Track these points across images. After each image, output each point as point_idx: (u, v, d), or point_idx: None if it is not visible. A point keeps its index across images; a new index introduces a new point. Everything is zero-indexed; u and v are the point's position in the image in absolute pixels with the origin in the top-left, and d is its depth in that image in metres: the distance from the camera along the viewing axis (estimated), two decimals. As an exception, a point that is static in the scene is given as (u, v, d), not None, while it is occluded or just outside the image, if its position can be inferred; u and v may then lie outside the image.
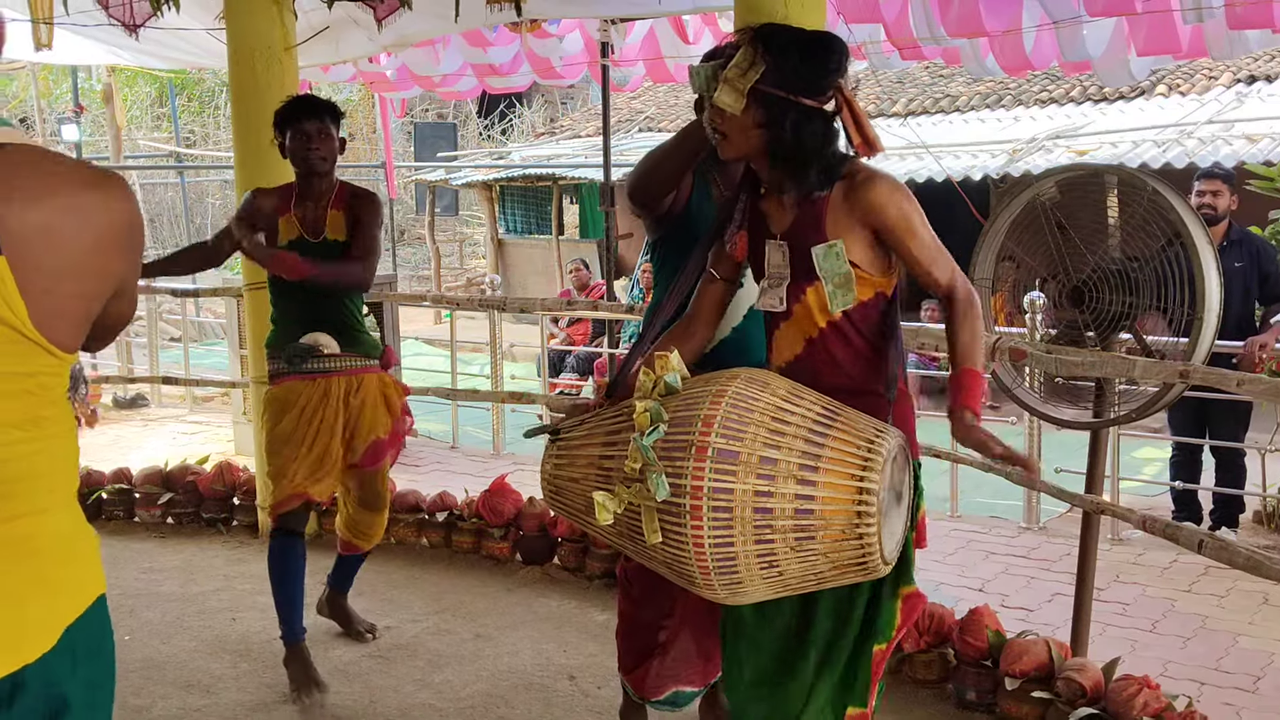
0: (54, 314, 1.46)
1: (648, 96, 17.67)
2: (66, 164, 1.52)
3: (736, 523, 2.12)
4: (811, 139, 2.32)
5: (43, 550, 1.52)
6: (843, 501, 2.12)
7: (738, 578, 2.18)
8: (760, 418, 2.16)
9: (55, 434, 1.54)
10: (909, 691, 3.65)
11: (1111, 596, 4.69)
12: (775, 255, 2.44)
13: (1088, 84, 13.03)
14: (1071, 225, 3.52)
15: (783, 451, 2.14)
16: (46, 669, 1.50)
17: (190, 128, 22.02)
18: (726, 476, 2.12)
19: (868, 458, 2.14)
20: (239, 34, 5.16)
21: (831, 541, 2.14)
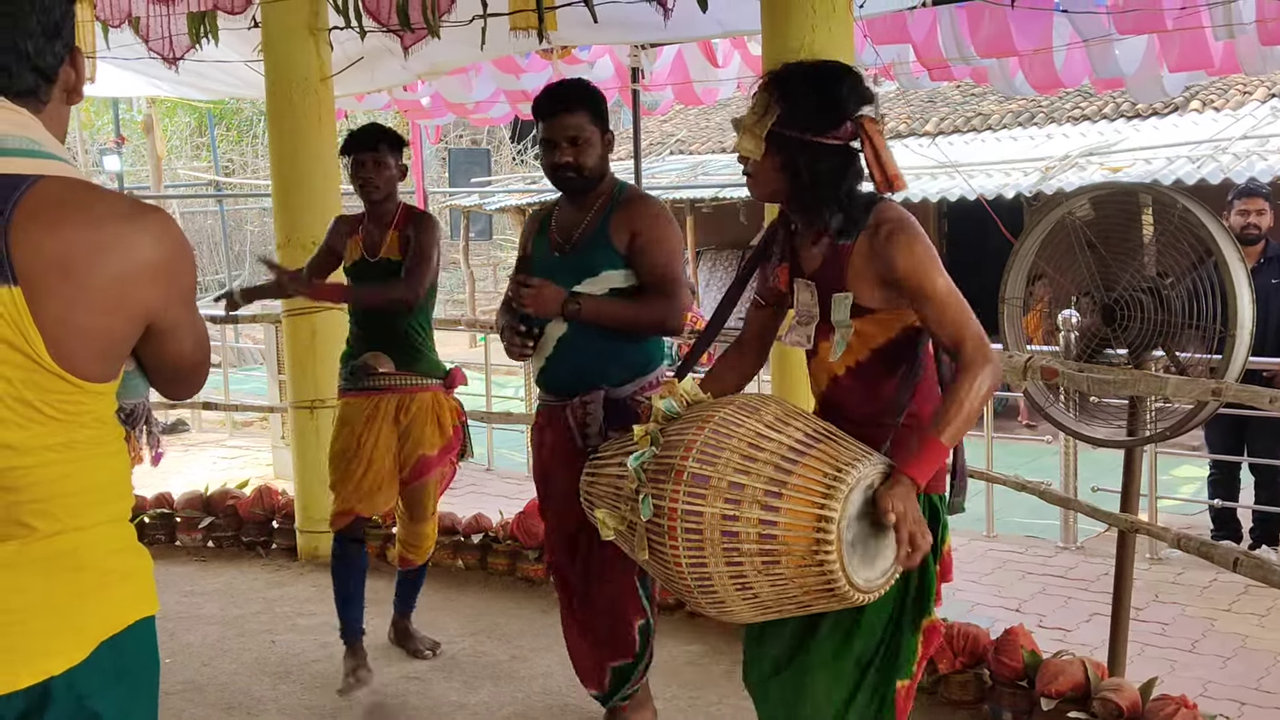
0: (72, 344, 1.46)
1: (679, 120, 17.75)
2: (99, 196, 1.52)
3: (707, 544, 2.19)
4: (827, 175, 2.33)
5: (84, 566, 1.53)
6: (803, 529, 2.15)
7: (718, 597, 2.25)
8: (737, 444, 2.22)
9: (93, 455, 1.55)
10: (944, 713, 3.63)
11: (1150, 616, 4.65)
12: (804, 294, 2.47)
13: (1121, 100, 12.97)
14: (1102, 243, 3.52)
15: (750, 478, 2.19)
16: (75, 682, 1.51)
17: (229, 156, 22.33)
18: (697, 500, 2.20)
19: (831, 487, 2.15)
20: (276, 65, 5.26)
21: (796, 567, 2.17)
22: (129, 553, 1.62)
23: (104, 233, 1.47)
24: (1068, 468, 5.64)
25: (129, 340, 1.54)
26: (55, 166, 1.51)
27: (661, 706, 3.74)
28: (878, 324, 2.37)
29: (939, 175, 12.19)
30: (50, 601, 1.50)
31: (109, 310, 1.47)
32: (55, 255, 1.43)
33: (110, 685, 1.54)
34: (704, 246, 15.47)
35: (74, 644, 1.51)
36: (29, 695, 1.49)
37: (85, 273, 1.44)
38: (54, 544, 1.51)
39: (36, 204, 1.45)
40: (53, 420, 1.49)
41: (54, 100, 1.58)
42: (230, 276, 16.98)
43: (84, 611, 1.53)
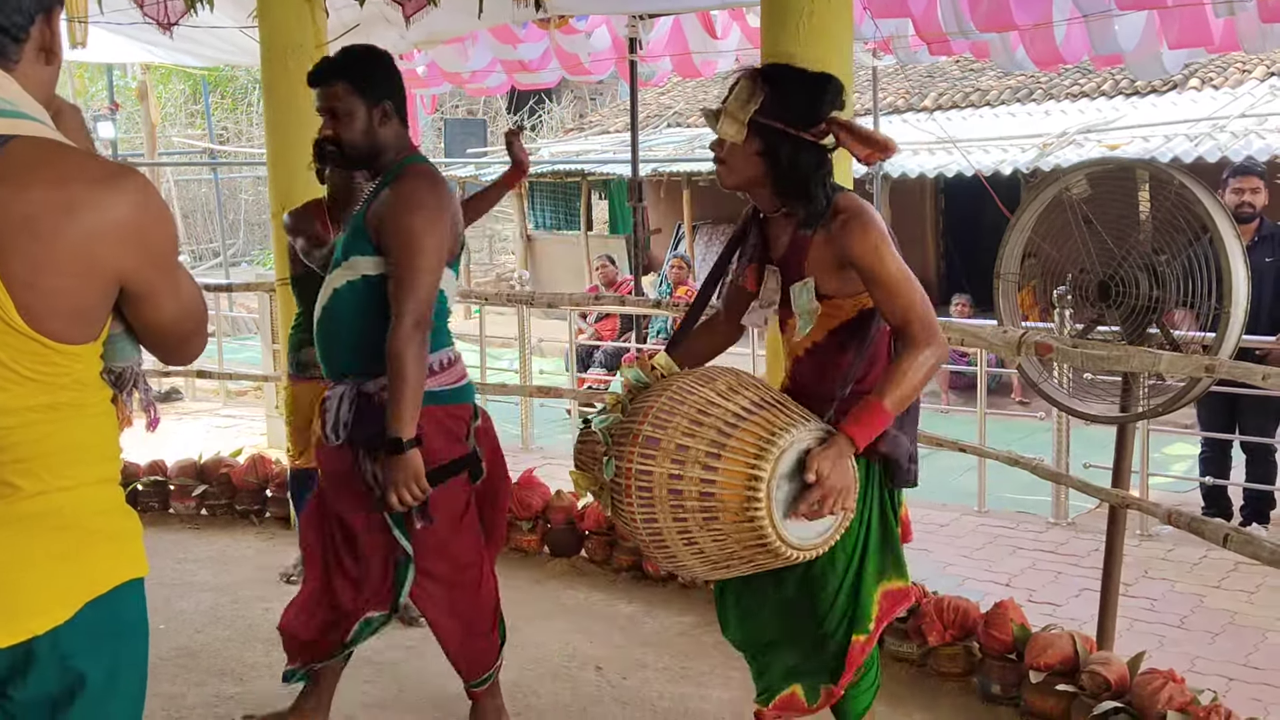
0: (42, 306, 1.45)
1: (676, 92, 17.68)
2: (70, 156, 1.50)
3: (656, 501, 2.40)
4: (806, 166, 2.49)
5: (68, 526, 1.53)
6: (736, 486, 2.33)
7: (670, 551, 2.46)
8: (688, 410, 2.42)
9: (76, 416, 1.54)
10: (934, 685, 3.66)
11: (1140, 592, 4.68)
12: (770, 280, 2.66)
13: (1119, 78, 12.94)
14: (1098, 219, 3.52)
15: (695, 440, 2.38)
16: (59, 642, 1.51)
17: (223, 124, 22.21)
18: (648, 461, 2.41)
19: (764, 448, 2.33)
20: (271, 31, 5.22)
21: (732, 523, 2.36)
22: (116, 514, 1.61)
23: (71, 194, 1.45)
24: (1060, 444, 5.66)
25: (101, 303, 1.53)
26: (29, 126, 1.49)
27: (653, 676, 3.77)
28: (834, 308, 2.55)
29: (936, 151, 12.16)
30: (33, 561, 1.50)
31: (76, 272, 1.46)
32: (22, 216, 1.42)
33: (95, 646, 1.55)
34: (700, 220, 15.45)
35: (57, 604, 1.51)
36: (13, 654, 1.50)
37: (51, 234, 1.43)
38: (38, 503, 1.51)
39: (6, 164, 1.44)
40: (30, 381, 1.48)
41: (26, 60, 1.55)
42: (224, 245, 16.91)
43: (68, 572, 1.53)
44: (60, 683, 1.52)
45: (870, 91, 11.33)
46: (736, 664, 3.84)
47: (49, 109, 1.67)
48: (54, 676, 1.52)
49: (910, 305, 2.44)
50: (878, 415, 2.38)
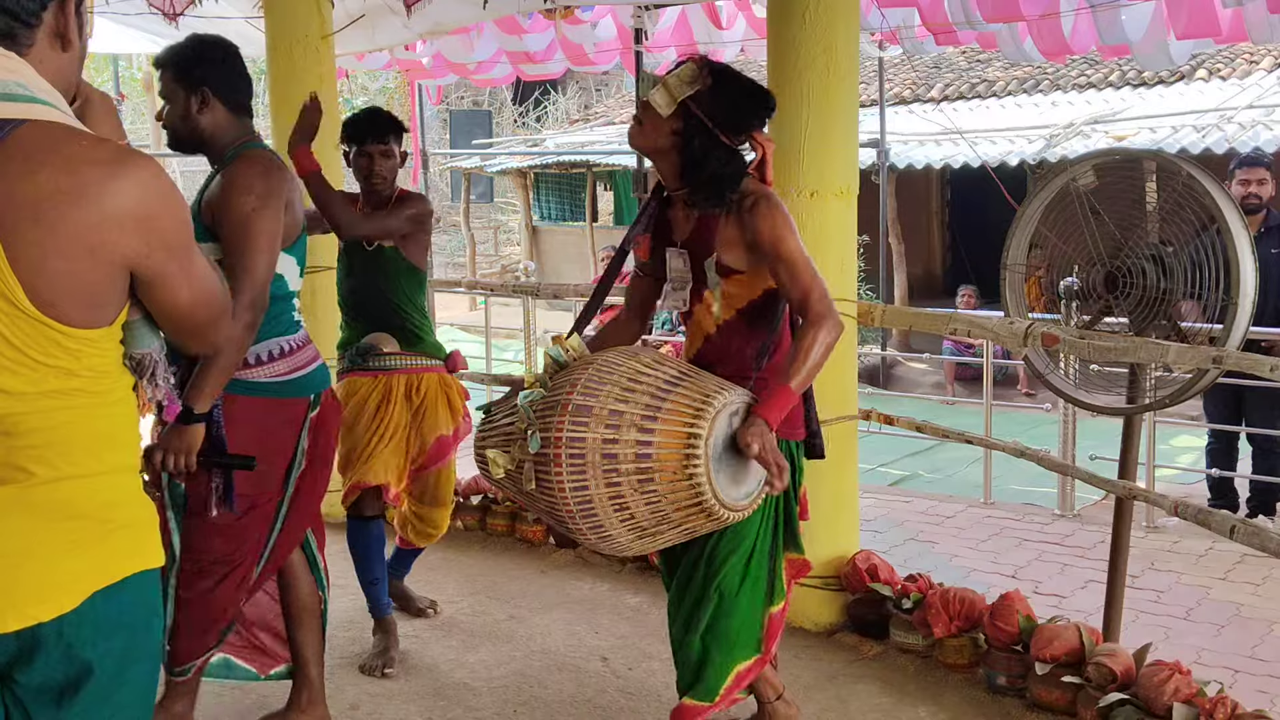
0: (51, 290, 1.45)
1: (682, 83, 17.63)
2: (81, 141, 1.49)
3: (589, 468, 2.44)
4: (714, 164, 2.61)
5: (81, 514, 1.53)
6: (674, 446, 2.42)
7: (598, 520, 2.50)
8: (617, 379, 2.50)
9: (93, 404, 1.54)
10: (940, 676, 3.66)
11: (1146, 584, 4.67)
12: (676, 261, 2.76)
13: (1127, 68, 12.89)
14: (1105, 210, 3.51)
15: (629, 405, 2.46)
16: (65, 631, 1.51)
17: (228, 115, 22.17)
18: (580, 428, 2.45)
19: (700, 409, 2.44)
20: (277, 22, 5.21)
21: (668, 482, 2.44)
22: (130, 504, 1.60)
23: (78, 178, 1.45)
24: (1066, 435, 5.65)
25: (112, 287, 1.52)
26: (41, 111, 1.49)
27: (659, 667, 3.77)
28: (741, 285, 2.68)
29: (943, 142, 12.13)
30: (43, 548, 1.50)
31: (83, 256, 1.46)
32: (30, 200, 1.42)
33: (102, 636, 1.54)
34: (705, 211, 15.41)
35: (65, 592, 1.51)
36: (19, 640, 1.49)
37: (59, 218, 1.43)
38: (51, 490, 1.50)
39: (15, 148, 1.43)
40: (43, 366, 1.48)
41: (40, 46, 1.54)
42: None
43: (77, 560, 1.52)
44: (66, 671, 1.52)
45: (876, 82, 11.32)
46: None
47: (77, 97, 1.67)
48: (60, 664, 1.52)
49: (810, 282, 2.59)
50: (786, 397, 2.53)
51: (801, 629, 4.05)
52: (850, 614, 4.01)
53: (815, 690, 3.60)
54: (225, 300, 1.75)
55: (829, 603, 4.04)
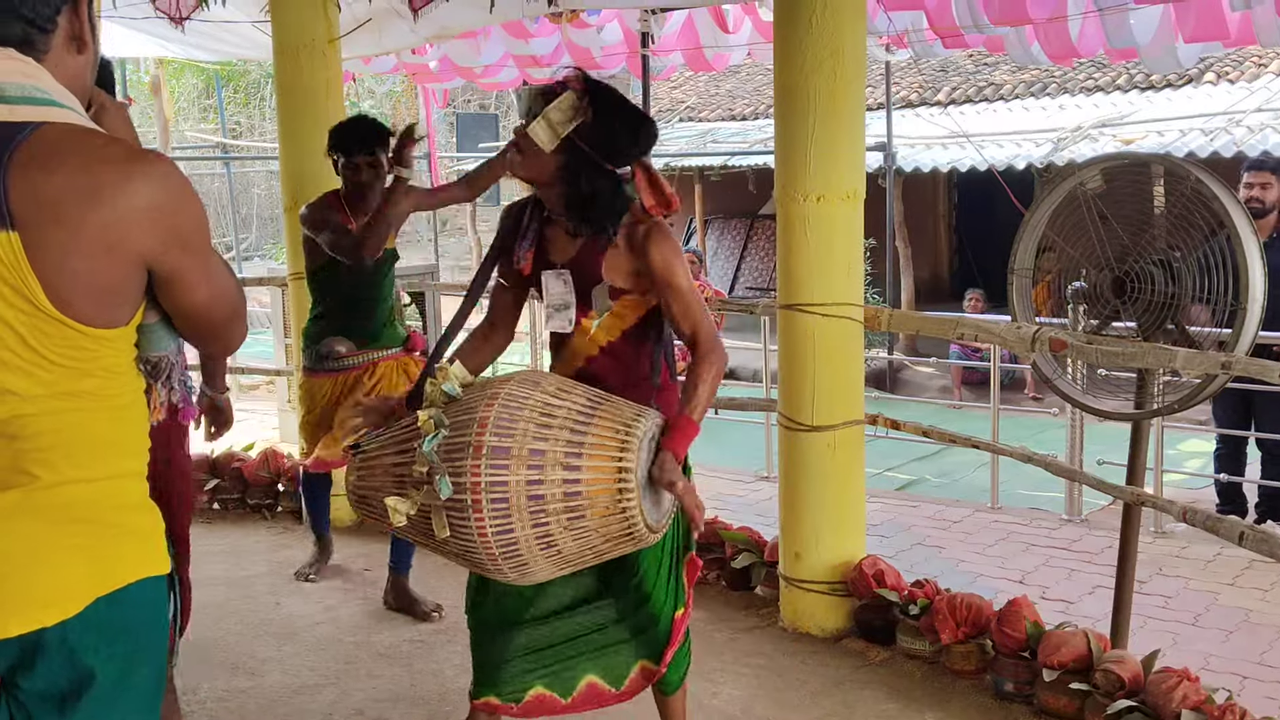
0: (69, 289, 1.45)
1: (688, 86, 17.64)
2: (97, 141, 1.51)
3: (514, 511, 2.35)
4: (601, 196, 2.59)
5: (85, 519, 1.52)
6: (605, 481, 2.37)
7: (522, 560, 2.42)
8: (530, 414, 2.40)
9: (101, 406, 1.54)
10: (946, 682, 3.64)
11: (1154, 590, 4.65)
12: (555, 284, 2.71)
13: (1134, 71, 12.86)
14: (1113, 215, 3.49)
15: (549, 443, 2.38)
16: (68, 636, 1.50)
17: (236, 119, 22.25)
18: (500, 471, 2.34)
19: (625, 440, 2.40)
20: (284, 26, 5.21)
21: (600, 517, 2.39)
22: (136, 510, 1.60)
23: (96, 177, 1.46)
24: (1073, 440, 5.63)
25: (128, 286, 1.52)
26: (58, 113, 1.50)
27: (664, 673, 3.76)
28: (627, 306, 2.67)
29: (950, 145, 12.11)
30: (47, 552, 1.49)
31: (101, 255, 1.46)
32: (49, 200, 1.43)
33: (105, 642, 1.53)
34: (712, 215, 15.43)
35: (68, 597, 1.50)
36: (22, 644, 1.49)
37: (77, 217, 1.44)
38: (56, 494, 1.50)
39: (34, 150, 1.45)
40: (58, 366, 1.48)
41: (55, 50, 1.56)
42: (237, 239, 16.94)
43: (81, 565, 1.51)
44: (69, 677, 1.51)
45: (883, 86, 11.30)
46: (748, 661, 3.85)
47: (93, 103, 1.68)
48: (62, 670, 1.51)
49: (699, 318, 2.64)
50: (690, 429, 2.56)
51: (808, 634, 4.04)
52: (857, 619, 3.99)
53: (821, 696, 3.59)
54: (241, 300, 1.75)
55: (835, 608, 4.03)
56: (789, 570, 4.11)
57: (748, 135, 14.17)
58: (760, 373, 8.12)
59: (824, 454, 3.98)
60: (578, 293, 2.70)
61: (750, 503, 6.15)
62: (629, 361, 2.73)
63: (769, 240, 14.94)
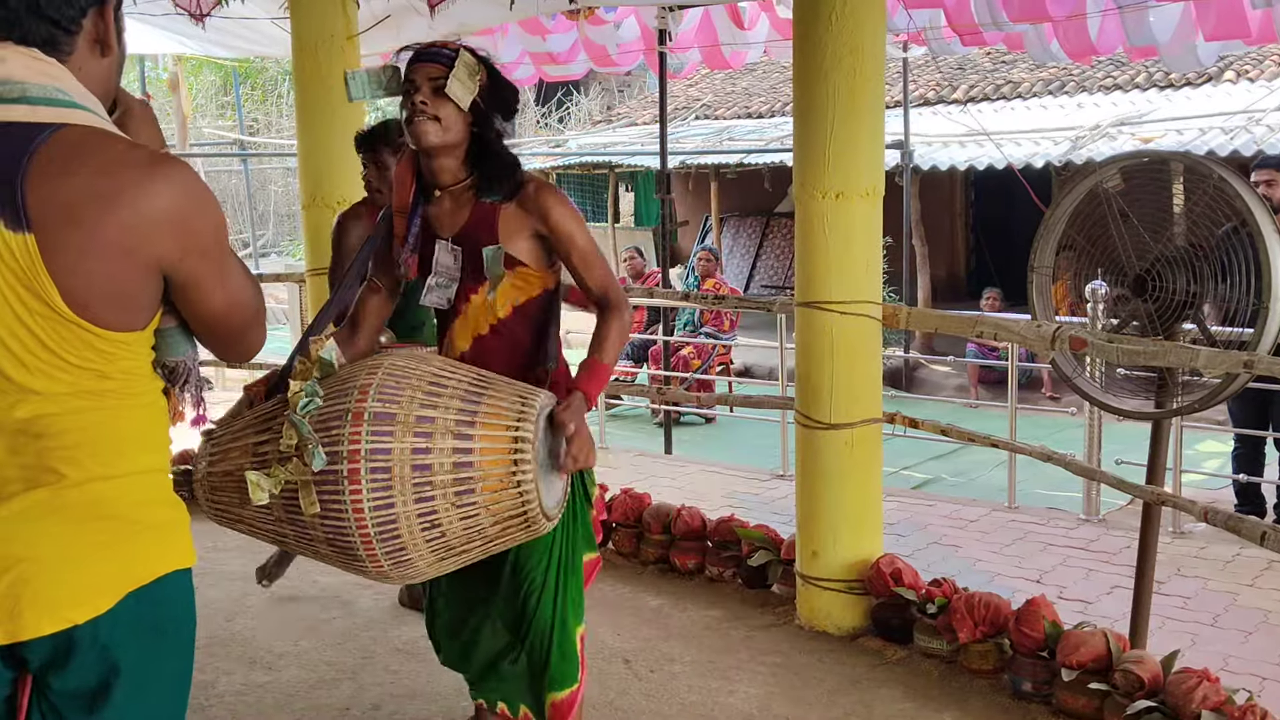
0: (85, 292, 1.46)
1: (704, 84, 17.62)
2: (116, 144, 1.51)
3: (396, 482, 2.16)
4: (506, 152, 2.63)
5: (112, 516, 1.53)
6: (500, 452, 2.22)
7: (400, 543, 2.20)
8: (417, 383, 2.26)
9: (123, 406, 1.55)
10: (964, 681, 3.63)
11: (1172, 590, 4.63)
12: (446, 256, 2.64)
13: (1154, 70, 12.79)
14: (1134, 213, 3.47)
15: (440, 410, 2.22)
16: (99, 633, 1.51)
17: (253, 116, 22.31)
18: (384, 437, 2.16)
19: (522, 411, 2.28)
20: (303, 23, 5.23)
21: (491, 493, 2.22)
22: (161, 505, 1.61)
23: (114, 181, 1.46)
24: (1092, 440, 5.60)
25: (144, 290, 1.53)
26: (79, 116, 1.50)
27: (681, 670, 3.76)
28: (523, 280, 2.63)
29: (967, 143, 12.07)
30: (76, 550, 1.50)
31: (117, 258, 1.47)
32: (66, 203, 1.43)
33: (136, 637, 1.54)
34: (728, 213, 15.41)
35: (99, 593, 1.51)
36: (54, 642, 1.50)
37: (94, 221, 1.44)
38: (83, 492, 1.51)
39: (54, 152, 1.45)
40: (76, 368, 1.49)
41: (79, 52, 1.56)
42: (254, 236, 17.00)
43: (110, 561, 1.53)
44: (100, 673, 1.52)
45: (900, 83, 11.27)
46: (764, 659, 3.84)
47: (118, 105, 1.68)
48: (94, 666, 1.52)
49: (607, 274, 2.66)
50: (603, 372, 2.58)
51: (824, 633, 4.03)
52: (874, 618, 3.98)
53: (839, 694, 3.58)
54: (259, 306, 1.73)
55: (852, 607, 4.02)
56: (806, 568, 4.10)
57: (764, 133, 14.14)
58: (776, 371, 8.12)
59: (841, 452, 3.97)
60: (465, 267, 2.63)
61: (766, 501, 6.14)
62: (521, 342, 2.66)
63: (785, 238, 14.92)
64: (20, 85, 1.48)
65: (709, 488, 6.31)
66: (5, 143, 1.45)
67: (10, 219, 1.42)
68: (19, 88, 1.48)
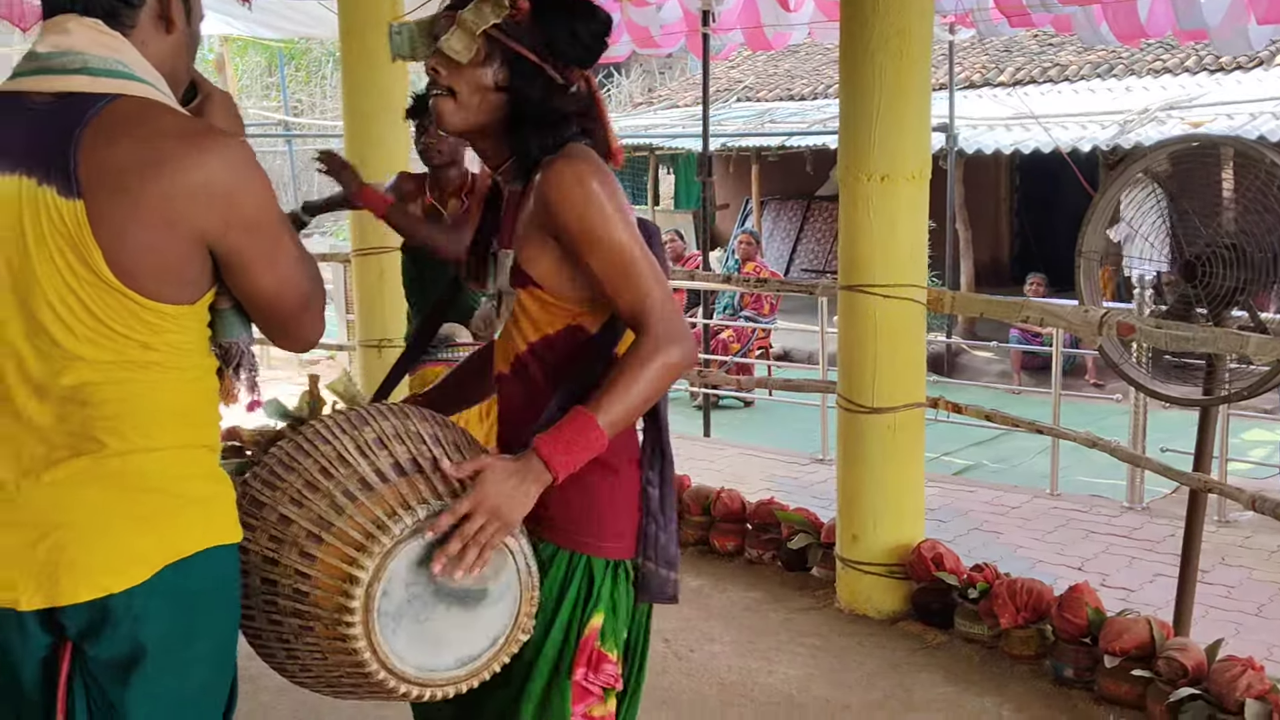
0: (130, 260, 1.46)
1: (746, 66, 17.54)
2: (168, 115, 1.51)
3: (251, 592, 1.67)
4: (560, 116, 1.76)
5: (153, 488, 1.53)
6: (331, 588, 1.61)
7: (277, 661, 1.74)
8: (311, 465, 1.69)
9: (169, 380, 1.54)
10: (1005, 667, 3.63)
11: (1216, 579, 4.59)
12: (504, 267, 1.85)
13: (1203, 53, 12.58)
14: (1185, 198, 3.44)
15: (303, 511, 1.65)
16: (134, 604, 1.51)
17: (298, 96, 22.46)
18: (250, 532, 1.67)
19: (372, 534, 1.60)
20: (350, 4, 5.26)
21: (326, 639, 1.63)
22: (204, 479, 1.60)
23: (159, 150, 1.46)
24: (1136, 427, 5.56)
25: (190, 264, 1.52)
26: (137, 88, 1.52)
27: (721, 649, 3.78)
28: (540, 305, 1.77)
29: (1013, 127, 11.95)
30: (115, 519, 1.51)
31: (161, 228, 1.47)
32: (113, 170, 1.45)
33: (171, 610, 1.54)
34: (768, 196, 15.35)
35: (136, 564, 1.51)
36: (91, 610, 1.51)
37: (138, 189, 1.45)
38: (124, 462, 1.52)
39: (107, 121, 1.47)
40: (122, 337, 1.49)
41: (143, 27, 1.57)
42: (298, 216, 17.15)
43: (149, 533, 1.52)
44: (133, 644, 1.53)
45: (945, 66, 11.17)
46: (804, 641, 3.86)
47: (199, 91, 1.70)
48: (128, 637, 1.52)
49: (646, 290, 1.69)
50: (585, 432, 1.64)
51: (864, 616, 4.04)
52: (914, 602, 3.98)
53: (878, 677, 3.59)
54: (316, 291, 1.67)
55: (892, 590, 4.02)
56: (846, 552, 4.10)
57: (806, 115, 14.06)
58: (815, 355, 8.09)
59: (884, 436, 3.97)
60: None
61: (805, 485, 6.14)
62: (540, 395, 1.78)
63: (826, 222, 14.84)
64: (82, 56, 1.51)
65: (748, 471, 6.32)
66: (63, 112, 1.48)
67: (62, 185, 1.44)
68: (80, 58, 1.50)
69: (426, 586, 1.64)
